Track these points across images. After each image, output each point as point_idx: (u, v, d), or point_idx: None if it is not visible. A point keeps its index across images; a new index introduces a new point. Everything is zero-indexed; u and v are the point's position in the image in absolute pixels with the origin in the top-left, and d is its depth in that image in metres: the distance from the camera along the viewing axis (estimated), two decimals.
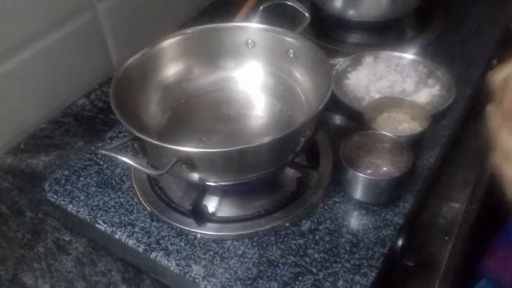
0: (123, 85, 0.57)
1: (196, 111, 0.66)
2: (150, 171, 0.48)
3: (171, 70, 0.65)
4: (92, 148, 0.68)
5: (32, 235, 0.63)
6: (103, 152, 0.47)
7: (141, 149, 0.53)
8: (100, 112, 0.81)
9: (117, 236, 0.57)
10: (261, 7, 0.72)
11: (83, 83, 0.84)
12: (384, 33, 0.91)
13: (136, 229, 0.57)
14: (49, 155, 0.73)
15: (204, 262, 0.53)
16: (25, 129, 0.76)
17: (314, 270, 0.52)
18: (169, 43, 0.64)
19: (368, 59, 0.79)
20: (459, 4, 0.97)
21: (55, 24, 0.74)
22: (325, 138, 0.66)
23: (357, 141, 0.61)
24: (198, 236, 0.56)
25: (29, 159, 0.73)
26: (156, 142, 0.49)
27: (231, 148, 0.49)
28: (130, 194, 0.61)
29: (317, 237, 0.55)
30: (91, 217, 0.59)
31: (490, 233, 0.69)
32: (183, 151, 0.48)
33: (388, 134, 0.61)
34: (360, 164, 0.60)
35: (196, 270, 0.53)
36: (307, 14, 0.67)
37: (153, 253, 0.54)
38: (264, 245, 0.55)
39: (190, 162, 0.49)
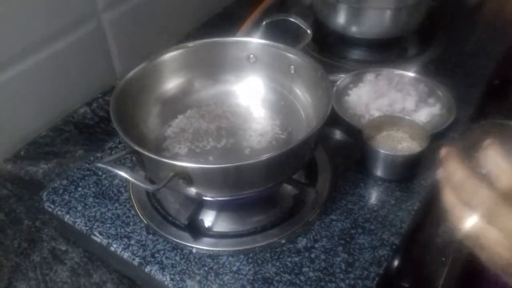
0: (123, 98, 0.58)
1: (195, 124, 0.67)
2: (146, 186, 0.48)
3: (172, 83, 0.66)
4: (92, 158, 0.68)
5: (28, 244, 0.62)
6: (100, 165, 0.47)
7: (139, 162, 0.53)
8: (102, 121, 0.81)
9: (112, 249, 0.57)
10: (264, 23, 0.72)
11: (86, 91, 0.84)
12: (386, 50, 0.91)
13: (132, 242, 0.57)
14: (48, 163, 0.73)
15: (198, 278, 0.53)
16: (25, 136, 0.76)
17: None
18: (170, 56, 0.64)
19: (369, 76, 0.79)
20: (461, 23, 0.97)
21: (60, 33, 0.75)
22: (323, 154, 0.66)
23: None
24: (194, 250, 0.56)
25: (29, 166, 0.73)
26: (153, 156, 0.49)
27: (228, 165, 0.49)
28: (127, 206, 0.61)
29: (312, 255, 0.55)
30: (87, 228, 0.59)
31: None
32: (180, 166, 0.48)
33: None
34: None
35: (191, 285, 0.52)
36: (309, 31, 0.68)
37: (148, 266, 0.54)
38: (259, 261, 0.55)
39: (187, 177, 0.49)
